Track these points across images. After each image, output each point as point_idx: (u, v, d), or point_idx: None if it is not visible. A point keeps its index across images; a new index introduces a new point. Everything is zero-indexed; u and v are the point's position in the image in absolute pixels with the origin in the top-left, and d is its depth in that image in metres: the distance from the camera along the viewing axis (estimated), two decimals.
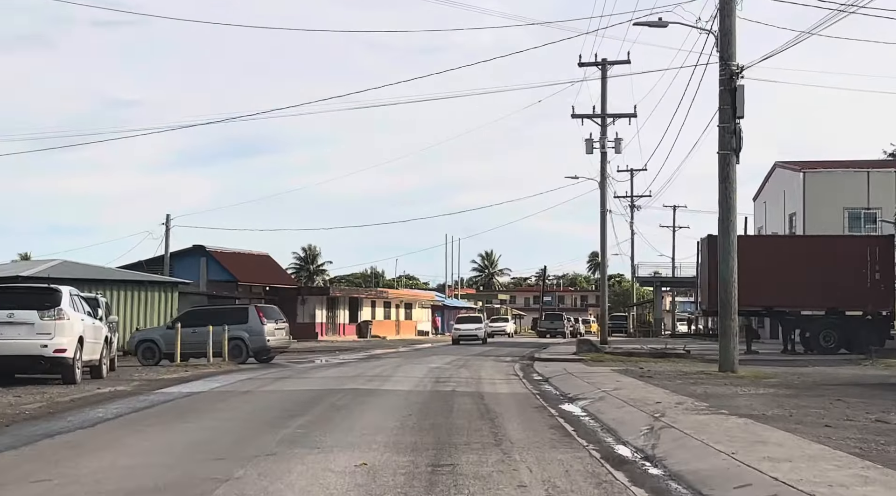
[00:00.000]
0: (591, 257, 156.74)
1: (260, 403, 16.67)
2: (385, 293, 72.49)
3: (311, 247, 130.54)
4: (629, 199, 79.33)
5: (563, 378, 23.11)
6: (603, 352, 36.38)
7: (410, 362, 32.59)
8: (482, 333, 57.83)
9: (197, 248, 54.44)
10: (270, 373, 25.93)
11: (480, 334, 57.52)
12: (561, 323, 73.72)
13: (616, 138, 53.22)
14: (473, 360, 34.33)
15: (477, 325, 59.15)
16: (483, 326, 59.63)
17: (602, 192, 53.68)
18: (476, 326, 58.94)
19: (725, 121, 23.51)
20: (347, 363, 32.80)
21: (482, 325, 59.50)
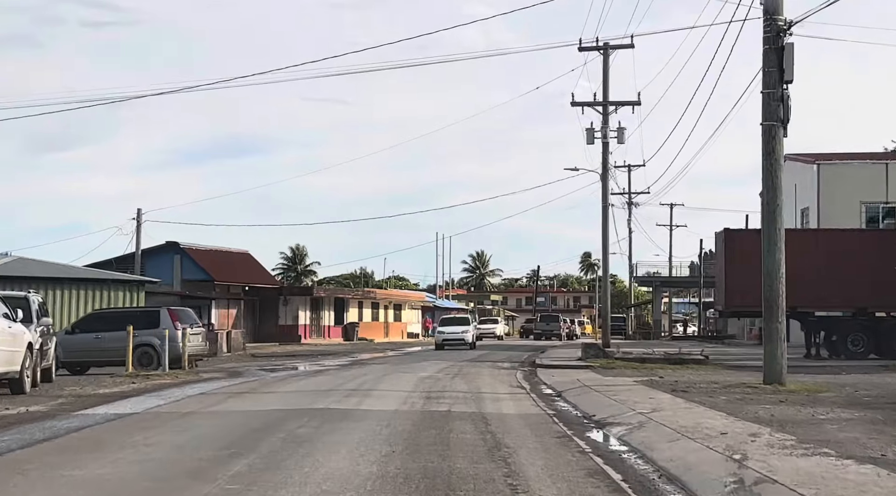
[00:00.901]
0: (583, 258, 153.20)
1: (196, 433, 12.64)
2: (372, 293, 68.41)
3: (298, 247, 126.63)
4: (626, 195, 75.38)
5: (579, 392, 19.12)
6: (612, 357, 32.44)
7: (398, 370, 28.59)
8: (470, 337, 49.80)
9: (170, 244, 50.34)
10: (231, 385, 21.89)
11: (468, 338, 49.47)
12: (557, 324, 69.66)
13: (619, 128, 49.29)
14: (468, 368, 30.36)
15: (463, 328, 50.64)
16: (471, 329, 51.15)
17: (604, 184, 49.71)
18: (462, 329, 50.42)
19: (770, 86, 19.56)
20: (327, 371, 28.78)
21: (469, 328, 50.87)
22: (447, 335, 49.34)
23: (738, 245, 35.91)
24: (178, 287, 49.64)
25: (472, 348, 48.23)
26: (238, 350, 45.41)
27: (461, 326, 50.57)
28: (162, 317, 28.68)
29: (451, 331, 49.69)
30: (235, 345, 45.53)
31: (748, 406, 15.18)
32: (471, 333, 50.02)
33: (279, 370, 29.91)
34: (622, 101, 49.76)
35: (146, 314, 29.60)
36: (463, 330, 49.75)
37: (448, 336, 49.26)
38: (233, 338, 45.40)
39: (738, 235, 37.09)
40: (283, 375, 26.48)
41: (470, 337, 49.51)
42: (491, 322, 76.34)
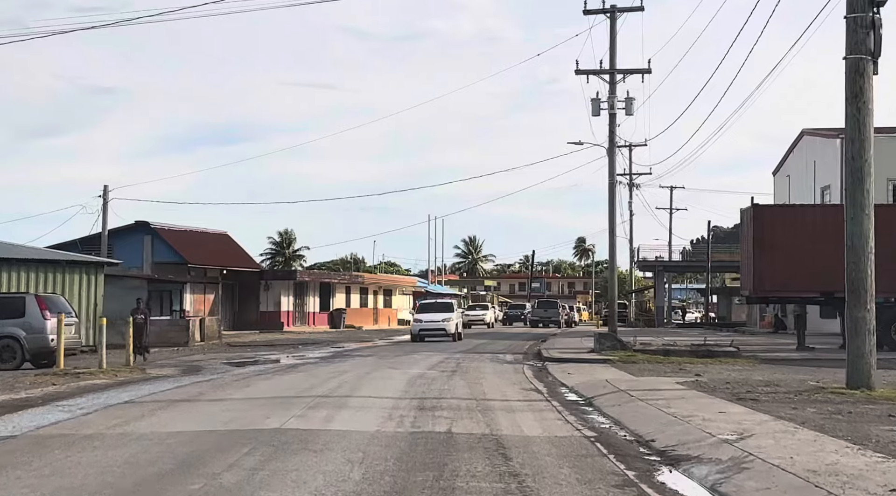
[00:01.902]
0: (577, 243, 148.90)
1: (64, 482, 8.20)
2: (360, 278, 63.84)
3: (287, 231, 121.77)
4: (627, 176, 70.93)
5: (615, 400, 14.73)
6: (630, 349, 28.10)
7: (385, 365, 24.21)
8: (452, 326, 40.29)
9: (140, 224, 45.77)
10: (175, 388, 17.43)
11: (450, 328, 40.02)
12: (555, 311, 65.05)
13: (627, 98, 44.71)
14: (467, 361, 26.01)
15: (445, 315, 40.79)
16: (454, 316, 41.55)
17: (610, 159, 45.25)
18: (443, 316, 40.63)
19: (858, 8, 15.18)
20: (302, 366, 24.38)
21: (452, 315, 40.94)
22: (425, 324, 40.22)
23: (769, 222, 31.63)
24: (148, 270, 45.18)
25: (457, 340, 40.17)
26: (212, 339, 40.99)
27: (442, 313, 41.10)
28: (28, 304, 24.35)
29: (429, 320, 40.45)
30: (209, 333, 41.09)
31: (860, 425, 10.89)
32: (454, 322, 40.82)
33: (248, 364, 25.53)
34: (631, 69, 45.27)
35: (10, 301, 25.19)
36: (444, 318, 40.43)
37: (427, 325, 40.24)
38: (206, 325, 40.95)
39: (768, 211, 32.75)
40: (249, 372, 22.08)
41: (452, 326, 40.40)
42: (480, 308, 69.05)
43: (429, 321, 40.51)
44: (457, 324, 41.69)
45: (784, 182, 55.24)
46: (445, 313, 41.50)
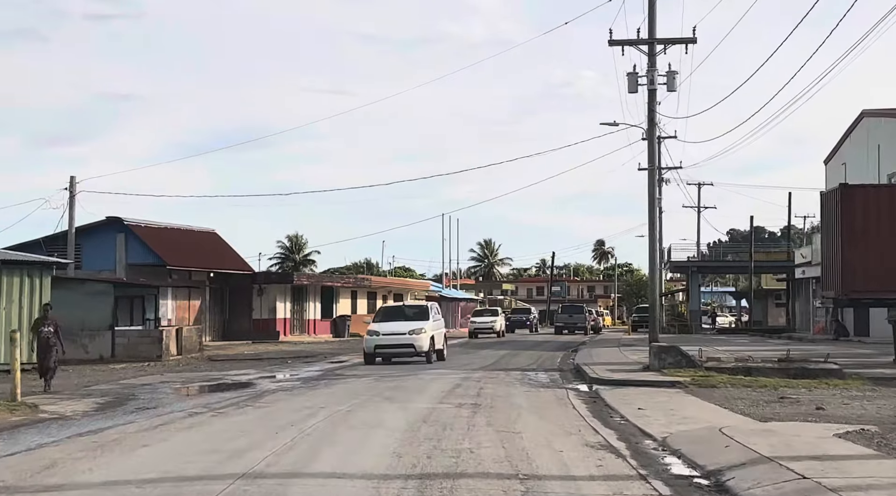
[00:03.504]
0: (596, 245, 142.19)
1: None
2: (367, 281, 57.07)
3: (296, 235, 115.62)
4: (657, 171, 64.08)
5: (773, 481, 7.98)
6: (699, 366, 21.36)
7: (382, 391, 17.63)
8: (425, 342, 28.07)
9: (112, 220, 39.19)
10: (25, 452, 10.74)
11: (421, 343, 27.93)
12: (582, 316, 58.27)
13: (668, 72, 38.07)
14: (492, 385, 19.41)
15: (414, 326, 28.38)
16: (429, 326, 28.72)
17: (650, 142, 38.59)
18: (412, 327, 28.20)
19: None
20: (270, 395, 17.80)
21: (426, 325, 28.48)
22: (383, 340, 27.79)
23: (862, 206, 24.98)
24: (122, 273, 38.70)
25: (435, 359, 28.53)
26: (192, 352, 34.48)
27: (410, 323, 28.34)
28: None
29: (390, 333, 27.84)
30: (188, 345, 34.57)
31: None
32: (427, 335, 28.03)
33: (207, 390, 19.04)
34: (673, 38, 38.72)
35: None
36: (412, 329, 27.84)
37: (384, 341, 27.75)
38: (184, 336, 34.41)
39: (862, 193, 25.99)
40: (191, 406, 15.52)
41: (425, 340, 27.80)
42: (488, 314, 58.18)
43: (389, 334, 27.69)
44: (434, 338, 28.39)
45: (839, 170, 48.36)
46: (415, 323, 28.19)
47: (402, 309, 31.35)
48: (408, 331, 27.80)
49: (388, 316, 29.87)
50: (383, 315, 30.45)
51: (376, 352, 27.91)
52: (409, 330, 27.84)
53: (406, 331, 27.85)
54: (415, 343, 27.62)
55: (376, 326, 28.76)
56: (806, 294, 54.83)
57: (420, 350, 27.78)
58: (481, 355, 33.14)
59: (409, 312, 30.14)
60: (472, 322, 55.38)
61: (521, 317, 68.02)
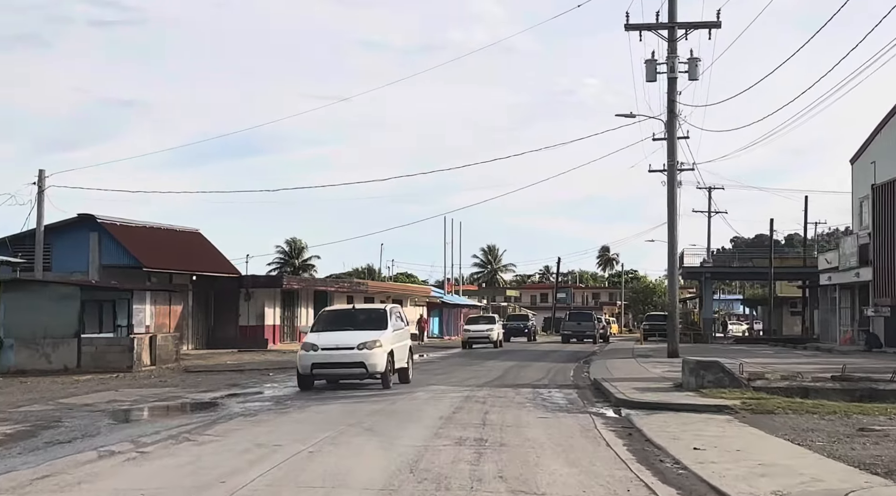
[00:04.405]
0: (601, 252, 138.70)
1: None
2: (363, 285, 53.33)
3: (295, 239, 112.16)
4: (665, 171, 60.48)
5: None
6: (745, 385, 17.76)
7: (363, 418, 14.06)
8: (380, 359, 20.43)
9: (84, 218, 35.62)
10: None
11: (376, 361, 20.30)
12: (590, 324, 54.60)
13: (690, 58, 34.67)
14: (499, 409, 15.88)
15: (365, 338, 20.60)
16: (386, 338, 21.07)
17: (670, 134, 35.16)
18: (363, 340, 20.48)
19: None
20: (223, 423, 14.28)
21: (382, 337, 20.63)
22: (323, 356, 20.40)
23: None
24: (96, 275, 35.19)
25: (397, 381, 21.82)
26: (167, 361, 30.97)
27: (361, 334, 20.79)
28: None
29: (331, 347, 20.45)
30: (164, 354, 31.06)
31: None
32: (383, 350, 20.53)
33: (155, 415, 15.48)
34: (695, 23, 35.29)
35: None
36: (364, 341, 20.41)
37: (325, 357, 20.37)
38: (159, 345, 30.89)
39: None
40: (119, 439, 12.02)
41: (381, 359, 20.35)
42: (484, 321, 50.81)
43: (331, 348, 20.28)
44: (394, 353, 20.98)
45: (867, 170, 44.74)
46: (367, 332, 20.69)
47: (352, 314, 22.87)
48: (357, 345, 20.04)
49: (332, 323, 21.81)
50: (325, 322, 22.13)
51: (314, 373, 20.38)
52: (358, 342, 20.10)
53: (354, 344, 20.09)
54: (366, 360, 19.92)
55: (314, 337, 20.81)
56: (828, 301, 51.33)
57: (373, 370, 20.10)
58: (486, 367, 29.61)
59: (361, 318, 22.03)
60: (466, 330, 49.33)
61: (519, 325, 62.33)
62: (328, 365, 20.39)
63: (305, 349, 20.59)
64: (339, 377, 21.01)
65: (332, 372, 20.74)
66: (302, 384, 20.65)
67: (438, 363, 33.84)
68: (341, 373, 20.67)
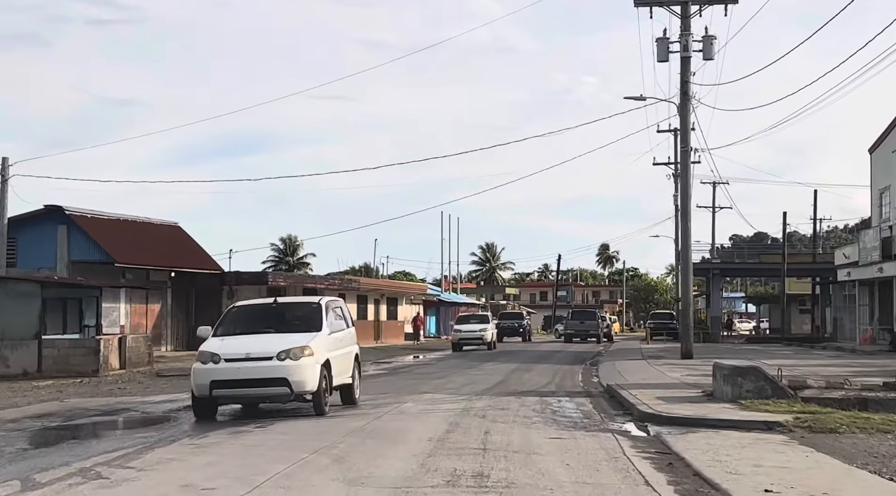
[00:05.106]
0: (600, 250, 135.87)
1: None
2: (355, 282, 50.46)
3: (290, 237, 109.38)
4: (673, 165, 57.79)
5: None
6: (792, 396, 14.93)
7: (328, 454, 11.22)
8: (310, 373, 14.36)
9: (51, 210, 32.76)
10: None
11: (302, 378, 14.24)
12: (594, 323, 51.70)
13: (705, 36, 31.90)
14: (501, 426, 13.09)
15: (284, 345, 14.41)
16: (318, 344, 14.81)
17: (682, 118, 32.38)
18: (283, 345, 14.36)
19: None
20: (172, 445, 11.50)
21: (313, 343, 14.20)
22: (228, 370, 14.21)
23: None
24: (64, 271, 32.38)
25: (340, 403, 16.23)
26: (139, 365, 28.18)
27: (283, 339, 14.81)
28: None
29: (240, 357, 14.36)
30: (134, 357, 28.26)
31: None
32: (314, 361, 14.45)
33: (70, 441, 12.72)
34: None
35: None
36: (287, 349, 14.39)
37: (232, 372, 14.23)
38: (129, 346, 28.08)
39: None
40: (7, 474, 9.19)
41: (311, 373, 14.33)
42: (476, 320, 45.71)
43: (238, 358, 14.36)
44: (330, 363, 15.09)
45: (889, 159, 41.97)
46: (290, 337, 14.93)
47: (273, 310, 16.18)
48: (277, 354, 14.21)
49: (245, 323, 15.70)
50: (235, 321, 15.79)
51: (215, 395, 14.28)
52: (279, 350, 14.27)
53: (274, 352, 14.27)
54: (291, 376, 14.07)
55: (216, 344, 14.73)
56: (842, 298, 48.59)
57: (300, 389, 14.18)
58: (485, 371, 26.82)
59: (286, 316, 15.93)
60: (457, 331, 44.17)
61: (513, 324, 57.08)
62: (235, 383, 14.13)
63: (202, 361, 14.34)
64: (252, 400, 14.94)
65: (242, 393, 14.44)
66: (199, 411, 14.47)
67: (434, 365, 31.07)
68: (255, 394, 14.48)
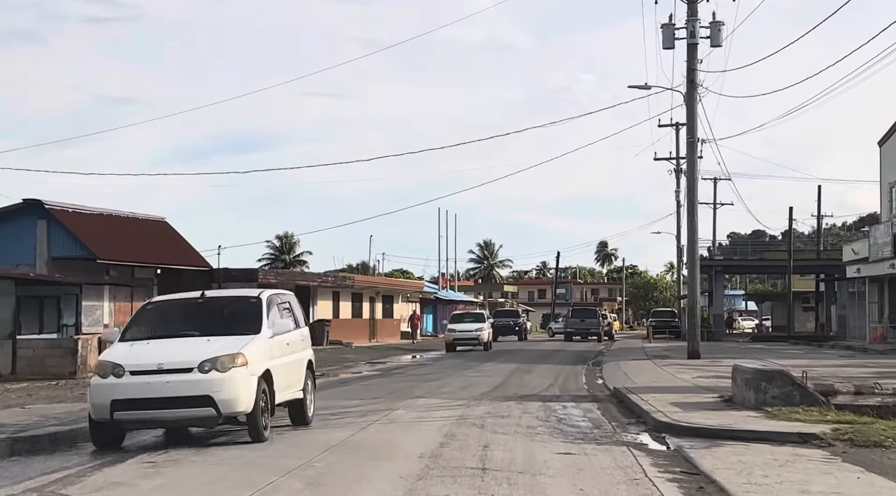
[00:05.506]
0: (599, 247, 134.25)
1: None
2: (349, 279, 48.87)
3: (287, 234, 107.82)
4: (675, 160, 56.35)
5: None
6: (823, 403, 13.44)
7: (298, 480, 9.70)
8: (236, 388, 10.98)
9: (30, 204, 31.24)
10: None
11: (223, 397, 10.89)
12: (595, 321, 50.27)
13: (713, 22, 30.44)
14: (501, 437, 11.59)
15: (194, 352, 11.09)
16: (252, 354, 11.24)
17: (689, 108, 30.89)
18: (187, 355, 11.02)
19: None
20: (111, 469, 9.95)
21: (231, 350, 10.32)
22: (130, 388, 10.97)
23: None
24: (44, 268, 30.84)
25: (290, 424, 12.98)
26: None
27: (207, 342, 11.53)
28: None
29: (149, 368, 11.08)
30: None
31: None
32: (248, 374, 11.24)
33: (11, 462, 11.21)
34: None
35: None
36: (210, 358, 11.11)
37: (135, 390, 10.96)
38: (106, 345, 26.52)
39: None
40: None
41: (244, 389, 11.11)
42: (471, 319, 42.83)
43: (148, 371, 11.05)
44: (270, 379, 11.68)
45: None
46: (217, 341, 11.52)
47: (198, 307, 12.79)
48: (199, 364, 11.08)
49: (162, 323, 12.42)
50: (149, 321, 12.52)
51: (117, 419, 11.08)
52: (201, 359, 11.12)
53: (195, 362, 11.12)
54: (216, 392, 10.95)
55: (121, 352, 11.57)
56: (848, 295, 47.16)
57: (229, 409, 11.04)
58: (483, 372, 25.35)
59: (214, 315, 12.52)
60: (451, 330, 41.20)
61: (508, 322, 53.86)
62: (143, 403, 10.84)
63: (101, 374, 11.09)
64: (165, 424, 11.52)
65: (151, 416, 11.02)
66: (98, 439, 11.26)
67: (430, 366, 29.60)
68: (168, 417, 11.06)
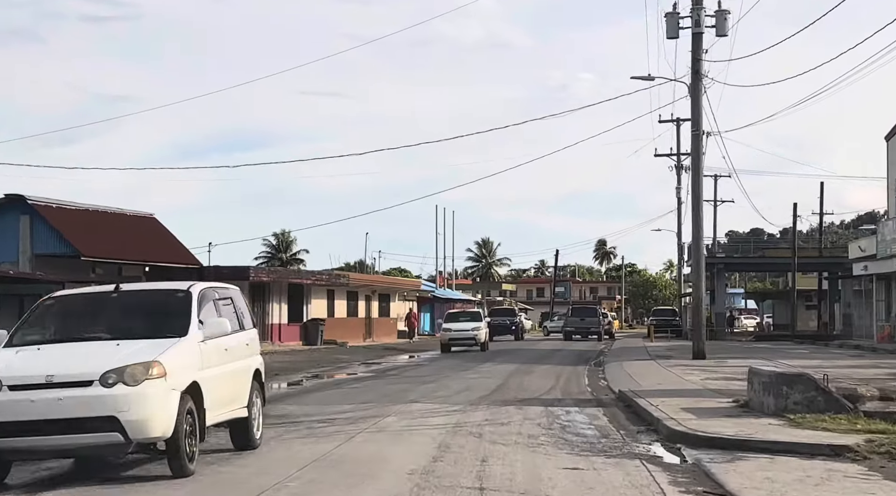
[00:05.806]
0: (597, 246, 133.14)
1: None
2: (344, 278, 47.75)
3: (283, 232, 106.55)
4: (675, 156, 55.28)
5: None
6: (852, 410, 12.36)
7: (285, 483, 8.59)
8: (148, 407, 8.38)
9: (12, 200, 30.12)
10: None
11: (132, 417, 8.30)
12: (595, 320, 49.22)
13: (718, 10, 29.32)
14: (499, 449, 10.46)
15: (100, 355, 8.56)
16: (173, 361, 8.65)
17: (694, 99, 29.79)
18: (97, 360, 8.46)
19: None
20: None
21: None
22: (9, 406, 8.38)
23: None
24: (27, 265, 29.74)
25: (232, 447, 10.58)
26: None
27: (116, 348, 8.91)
28: None
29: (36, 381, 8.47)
30: None
31: None
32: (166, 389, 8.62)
33: None
34: None
35: None
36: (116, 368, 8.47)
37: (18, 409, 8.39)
38: None
39: None
40: None
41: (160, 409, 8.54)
42: (467, 318, 40.95)
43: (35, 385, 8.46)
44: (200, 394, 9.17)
45: None
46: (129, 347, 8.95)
47: (112, 304, 10.07)
48: (100, 376, 8.52)
49: (63, 324, 9.91)
50: (46, 322, 9.98)
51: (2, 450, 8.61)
52: (105, 369, 8.52)
53: (94, 373, 8.52)
54: (123, 412, 8.43)
55: (5, 359, 9.02)
56: (853, 293, 46.20)
57: (140, 434, 8.51)
58: (481, 373, 24.26)
59: (134, 315, 9.92)
60: (446, 330, 39.34)
61: (504, 321, 51.89)
62: (23, 427, 8.48)
63: (11, 385, 8.59)
64: (58, 453, 8.98)
65: (35, 445, 8.62)
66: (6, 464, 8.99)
67: (426, 367, 28.50)
68: (58, 445, 8.63)
